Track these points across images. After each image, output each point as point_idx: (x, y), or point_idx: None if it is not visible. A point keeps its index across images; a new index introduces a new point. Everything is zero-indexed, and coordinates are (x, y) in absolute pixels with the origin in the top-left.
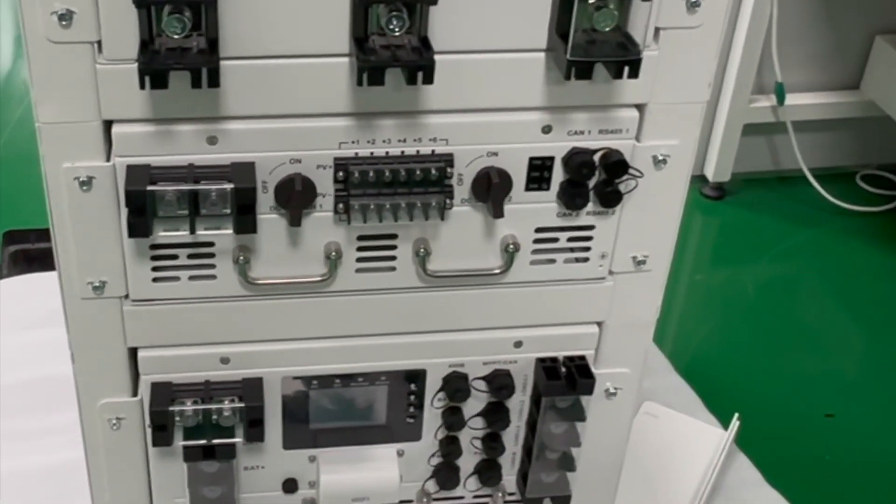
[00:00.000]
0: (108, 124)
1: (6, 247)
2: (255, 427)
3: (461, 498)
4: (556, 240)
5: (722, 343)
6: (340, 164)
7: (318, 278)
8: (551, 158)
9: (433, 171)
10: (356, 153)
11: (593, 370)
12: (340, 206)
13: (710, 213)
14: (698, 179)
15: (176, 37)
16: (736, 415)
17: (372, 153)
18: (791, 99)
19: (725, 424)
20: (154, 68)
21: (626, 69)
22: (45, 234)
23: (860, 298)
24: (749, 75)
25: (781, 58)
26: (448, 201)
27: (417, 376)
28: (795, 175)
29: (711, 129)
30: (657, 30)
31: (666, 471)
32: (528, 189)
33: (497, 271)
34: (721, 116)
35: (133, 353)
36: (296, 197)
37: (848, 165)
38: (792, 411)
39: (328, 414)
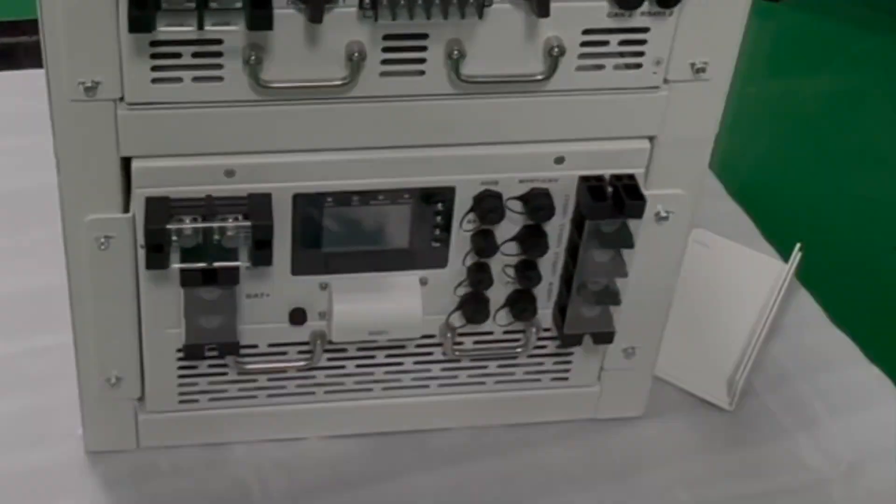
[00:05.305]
0: None
1: None
2: (262, 249)
3: (490, 333)
4: (605, 43)
5: (780, 164)
6: None
7: (338, 82)
8: None
9: None
10: None
11: (643, 191)
12: (366, 0)
13: (765, 16)
14: None
15: None
16: (797, 245)
17: None
18: None
19: (784, 256)
20: None
21: None
22: (8, 28)
23: None
24: None
25: None
26: None
27: (445, 195)
28: None
29: None
30: None
31: (718, 307)
32: None
33: (539, 77)
34: None
35: (126, 163)
36: None
37: None
38: (859, 242)
39: (343, 236)
